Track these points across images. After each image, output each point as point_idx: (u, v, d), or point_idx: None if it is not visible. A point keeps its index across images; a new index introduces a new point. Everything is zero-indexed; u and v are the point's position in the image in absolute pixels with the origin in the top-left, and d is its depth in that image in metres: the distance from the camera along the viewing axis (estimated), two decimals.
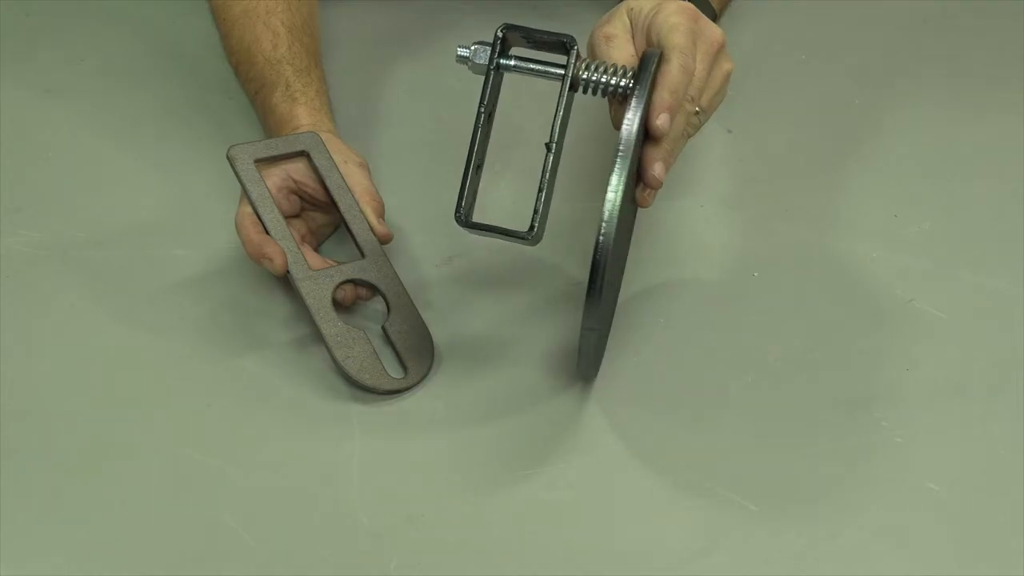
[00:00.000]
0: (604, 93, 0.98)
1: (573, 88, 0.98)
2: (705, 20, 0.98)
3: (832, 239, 1.14)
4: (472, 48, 1.00)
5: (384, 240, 1.08)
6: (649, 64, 0.95)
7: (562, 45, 0.98)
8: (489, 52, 0.99)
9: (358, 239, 1.07)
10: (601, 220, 0.92)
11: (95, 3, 1.38)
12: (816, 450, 0.99)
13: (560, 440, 1.00)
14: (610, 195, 0.92)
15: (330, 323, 1.03)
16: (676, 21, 0.97)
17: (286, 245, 1.05)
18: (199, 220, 1.15)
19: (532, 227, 0.98)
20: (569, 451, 0.99)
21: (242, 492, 0.97)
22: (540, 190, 0.98)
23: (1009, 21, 1.35)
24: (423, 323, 1.06)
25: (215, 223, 1.13)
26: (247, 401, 1.02)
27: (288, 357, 1.05)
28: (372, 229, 1.08)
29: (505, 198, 1.17)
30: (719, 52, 0.99)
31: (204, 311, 1.08)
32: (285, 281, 1.07)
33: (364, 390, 1.02)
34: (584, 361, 0.99)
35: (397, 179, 1.17)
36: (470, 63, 1.00)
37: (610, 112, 1.00)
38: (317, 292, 1.04)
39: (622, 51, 0.99)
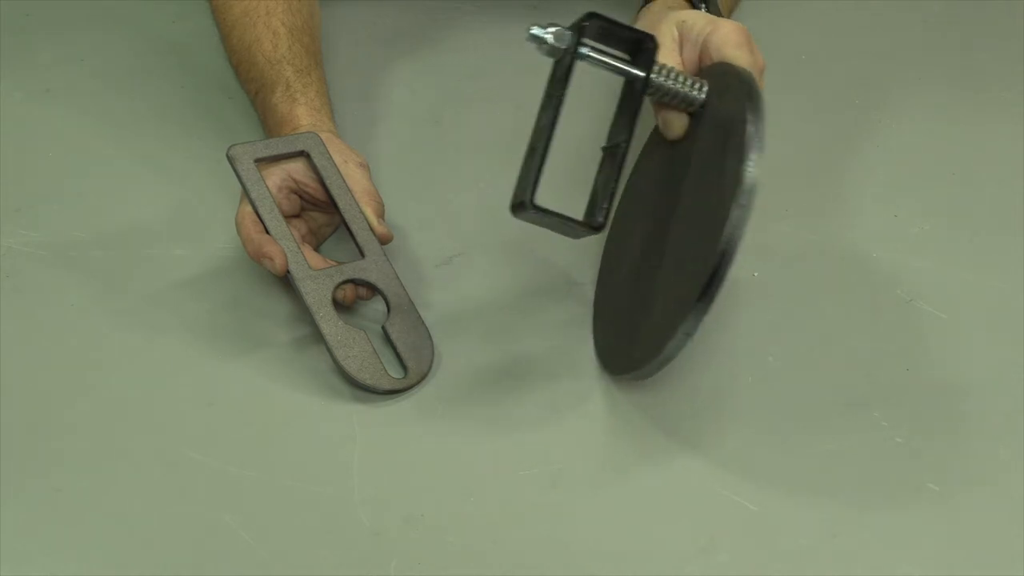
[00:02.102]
0: (673, 101, 0.98)
1: (644, 90, 0.98)
2: (754, 43, 1.00)
3: (832, 239, 1.14)
4: (554, 30, 0.96)
5: (384, 240, 1.08)
6: (759, 102, 0.93)
7: (640, 44, 0.98)
8: (572, 37, 0.96)
9: (358, 239, 1.07)
10: (724, 233, 0.90)
11: (95, 3, 1.38)
12: (816, 450, 0.99)
13: (560, 440, 1.00)
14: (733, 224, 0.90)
15: (330, 323, 1.03)
16: (738, 40, 0.99)
17: (286, 245, 1.05)
18: (199, 220, 1.15)
19: (602, 223, 0.97)
20: (569, 451, 0.99)
21: (242, 492, 0.97)
22: (611, 191, 0.98)
23: (1009, 22, 1.35)
24: (423, 323, 1.06)
25: (215, 223, 1.13)
26: (247, 401, 1.03)
27: (288, 357, 1.05)
28: (372, 229, 1.08)
29: (505, 199, 1.17)
30: (760, 75, 1.00)
31: (204, 311, 1.08)
32: (285, 281, 1.07)
33: (364, 390, 1.02)
34: (656, 367, 0.97)
35: (397, 179, 1.17)
36: (546, 45, 0.96)
37: (657, 117, 1.00)
38: (317, 292, 1.04)
39: (667, 60, 1.00)
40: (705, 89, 0.98)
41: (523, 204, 0.96)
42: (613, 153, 1.00)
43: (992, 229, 1.14)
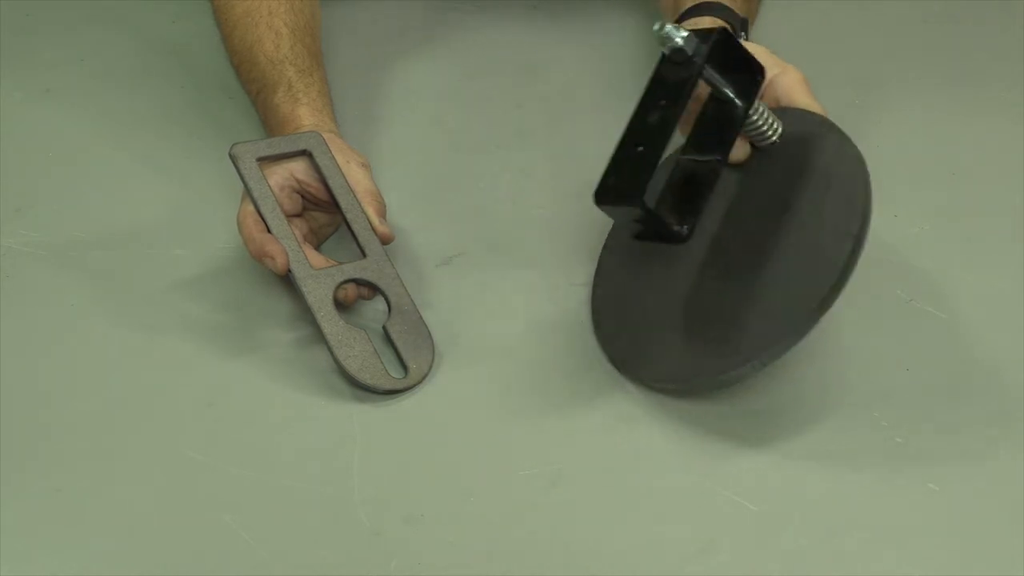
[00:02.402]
0: (752, 133, 1.00)
1: (744, 120, 0.99)
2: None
3: None
4: (685, 35, 0.96)
5: (385, 240, 1.08)
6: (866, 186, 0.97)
7: (748, 72, 0.99)
8: (704, 49, 0.96)
9: (359, 239, 1.07)
10: (833, 282, 0.94)
11: (95, 3, 1.38)
12: (817, 450, 0.99)
13: (560, 440, 1.00)
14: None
15: (331, 322, 1.03)
16: (806, 88, 1.04)
17: (288, 244, 1.05)
18: (199, 220, 1.15)
19: (691, 231, 0.98)
20: (570, 451, 0.99)
21: (242, 492, 0.97)
22: (699, 205, 0.98)
23: (1009, 21, 1.35)
24: (424, 323, 1.05)
25: (215, 223, 1.13)
26: (247, 401, 1.02)
27: (288, 357, 1.05)
28: (374, 229, 1.08)
29: (505, 199, 1.18)
30: None
31: (204, 311, 1.08)
32: (285, 280, 1.07)
33: (364, 390, 1.02)
34: (713, 385, 0.99)
35: (398, 179, 1.17)
36: (672, 45, 0.96)
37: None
38: (318, 291, 1.04)
39: None
40: (780, 131, 1.00)
41: (633, 198, 0.95)
42: (702, 167, 0.99)
43: (992, 229, 1.14)
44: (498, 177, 1.19)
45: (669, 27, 0.96)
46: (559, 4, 1.35)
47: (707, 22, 1.11)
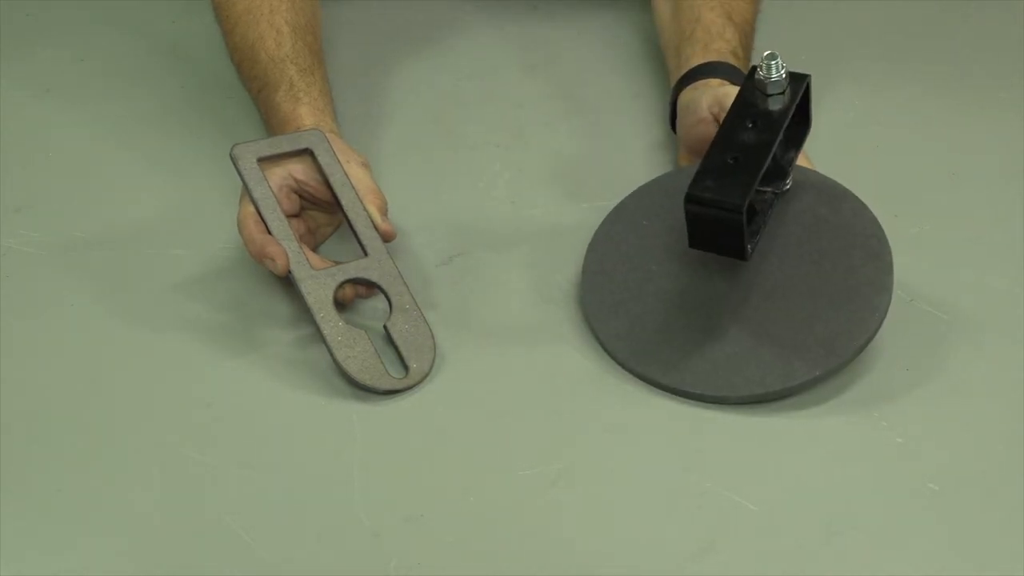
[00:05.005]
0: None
1: (790, 166, 1.06)
2: None
3: None
4: (784, 75, 1.02)
5: (387, 237, 1.08)
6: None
7: (806, 124, 1.06)
8: (800, 91, 1.03)
9: (361, 237, 1.07)
10: (868, 332, 1.01)
11: (95, 3, 1.38)
12: (817, 449, 0.99)
13: (560, 440, 1.00)
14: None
15: (331, 323, 1.03)
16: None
17: (288, 245, 1.05)
18: (199, 220, 1.15)
19: (751, 251, 1.02)
20: (569, 451, 0.99)
21: (242, 492, 0.97)
22: (761, 224, 1.04)
23: (1009, 21, 1.35)
24: (425, 322, 1.05)
25: (215, 223, 1.13)
26: (247, 401, 1.03)
27: (288, 357, 1.05)
28: (376, 226, 1.08)
29: (504, 199, 1.18)
30: None
31: (204, 311, 1.08)
32: (285, 281, 1.07)
33: (364, 390, 1.02)
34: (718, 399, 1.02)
35: (397, 179, 1.17)
36: (772, 83, 1.01)
37: None
38: (318, 292, 1.04)
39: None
40: (789, 185, 1.06)
41: (736, 206, 0.98)
42: (759, 197, 1.04)
43: (992, 229, 1.14)
44: (498, 177, 1.19)
45: (779, 60, 1.01)
46: (559, 4, 1.35)
47: (715, 83, 1.12)
